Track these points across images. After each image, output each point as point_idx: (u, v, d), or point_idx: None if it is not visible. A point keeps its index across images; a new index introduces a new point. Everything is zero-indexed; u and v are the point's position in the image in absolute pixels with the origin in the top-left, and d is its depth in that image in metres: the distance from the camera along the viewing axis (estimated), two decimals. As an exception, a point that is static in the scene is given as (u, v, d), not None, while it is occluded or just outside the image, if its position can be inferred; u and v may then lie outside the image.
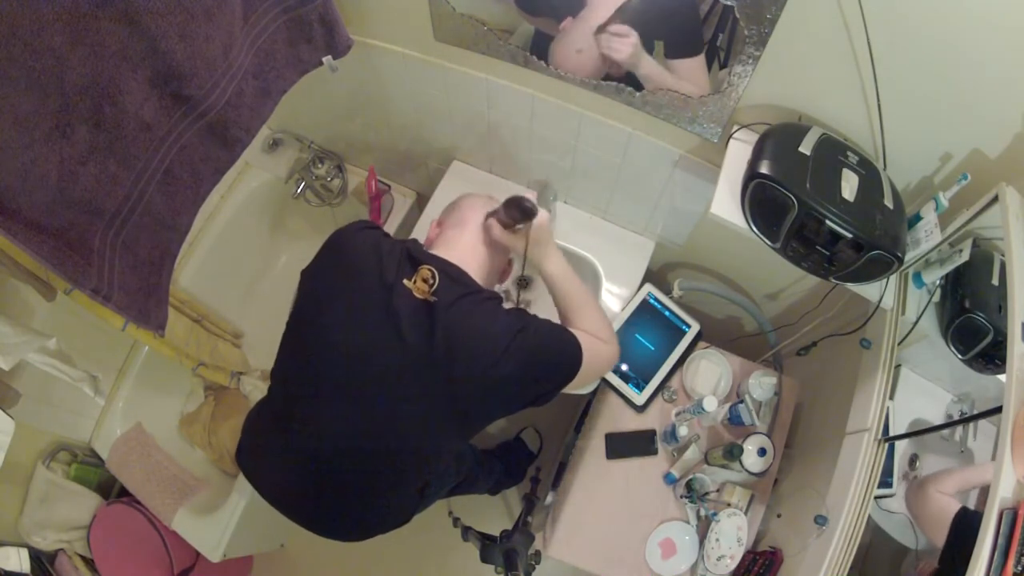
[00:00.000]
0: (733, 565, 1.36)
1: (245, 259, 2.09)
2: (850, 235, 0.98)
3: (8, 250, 1.13)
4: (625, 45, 1.10)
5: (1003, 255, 1.05)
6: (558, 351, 1.01)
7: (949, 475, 1.16)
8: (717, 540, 1.36)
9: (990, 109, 0.93)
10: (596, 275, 1.63)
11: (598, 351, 1.06)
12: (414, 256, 0.99)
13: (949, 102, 0.96)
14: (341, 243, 1.06)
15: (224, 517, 1.63)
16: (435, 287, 0.95)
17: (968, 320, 1.08)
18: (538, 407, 1.02)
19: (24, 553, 1.52)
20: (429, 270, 0.96)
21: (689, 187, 1.39)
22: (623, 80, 1.18)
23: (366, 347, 0.96)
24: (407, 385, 0.95)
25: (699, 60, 1.08)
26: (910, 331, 1.18)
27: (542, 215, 1.07)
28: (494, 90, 1.37)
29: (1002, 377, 0.98)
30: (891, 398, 1.19)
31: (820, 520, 1.18)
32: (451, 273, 0.98)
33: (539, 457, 2.16)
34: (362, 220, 1.10)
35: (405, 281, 0.95)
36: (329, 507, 1.10)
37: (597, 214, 1.68)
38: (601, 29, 1.10)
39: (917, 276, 1.16)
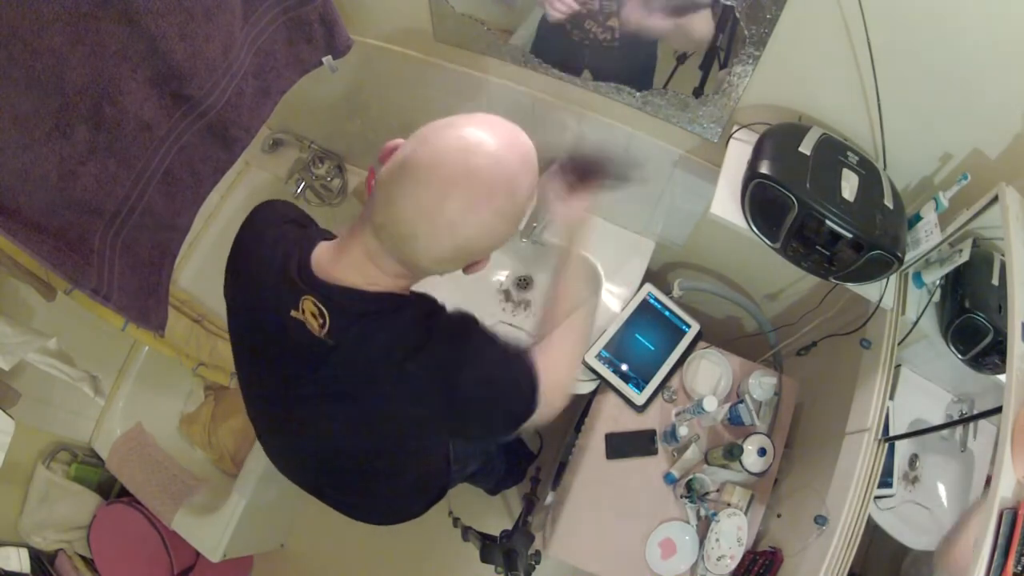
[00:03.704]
0: (733, 565, 1.36)
1: (245, 259, 2.09)
2: (850, 235, 0.98)
3: (8, 250, 1.13)
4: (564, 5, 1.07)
5: (1003, 255, 1.05)
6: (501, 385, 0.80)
7: None
8: (717, 540, 1.36)
9: (990, 109, 0.93)
10: (596, 275, 1.63)
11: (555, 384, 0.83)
12: (300, 281, 0.76)
13: (949, 102, 0.96)
14: (234, 251, 0.91)
15: (224, 517, 1.63)
16: (327, 326, 0.74)
17: (968, 320, 1.08)
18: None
19: (24, 553, 1.52)
20: (313, 304, 0.74)
21: (689, 187, 1.39)
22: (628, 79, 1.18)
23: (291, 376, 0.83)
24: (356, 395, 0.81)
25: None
26: (910, 331, 1.18)
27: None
28: (494, 90, 1.37)
29: (1002, 377, 0.98)
30: (891, 398, 1.19)
31: (820, 520, 1.18)
32: (337, 303, 0.74)
33: (539, 457, 2.16)
34: (263, 205, 0.92)
35: (293, 312, 0.75)
36: (346, 499, 1.09)
37: (597, 214, 1.68)
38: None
39: (917, 276, 1.16)
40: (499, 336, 0.81)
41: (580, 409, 1.75)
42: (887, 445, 1.15)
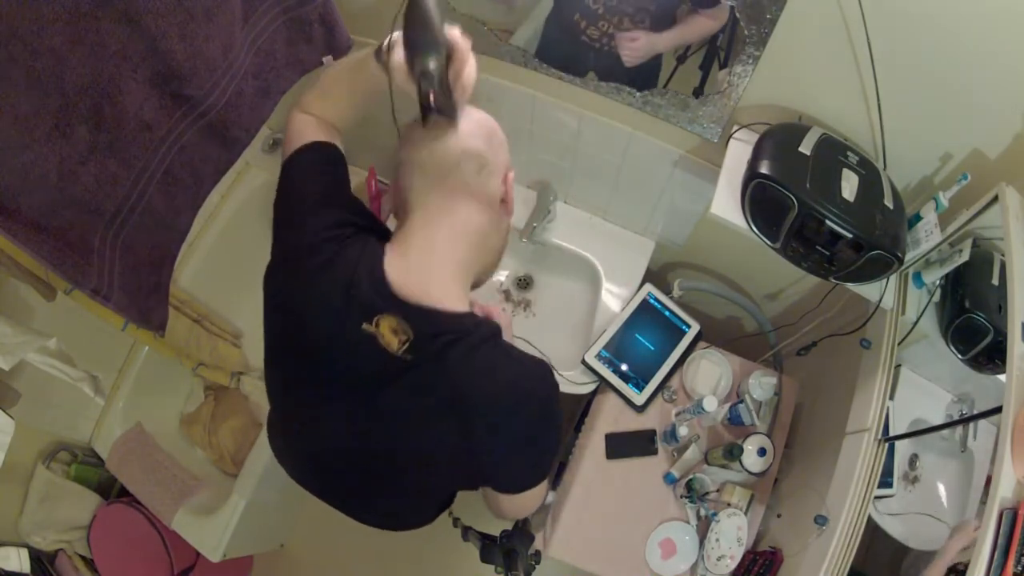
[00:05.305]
0: (733, 565, 1.36)
1: (245, 259, 2.07)
2: (850, 235, 0.98)
3: (8, 250, 1.13)
4: (636, 50, 1.11)
5: (1003, 255, 1.05)
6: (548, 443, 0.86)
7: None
8: (717, 540, 1.36)
9: (990, 109, 0.93)
10: (596, 275, 1.63)
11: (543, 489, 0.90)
12: (372, 299, 0.75)
13: (949, 102, 0.96)
14: (287, 246, 0.86)
15: (224, 517, 1.63)
16: (408, 343, 0.75)
17: (968, 320, 1.08)
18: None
19: (24, 553, 1.52)
20: (397, 323, 0.74)
21: (689, 187, 1.39)
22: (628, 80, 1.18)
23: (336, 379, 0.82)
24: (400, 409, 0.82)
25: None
26: (910, 331, 1.18)
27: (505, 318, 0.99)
28: (494, 90, 1.37)
29: (1002, 377, 0.98)
30: (891, 398, 1.19)
31: (820, 520, 1.18)
32: (421, 323, 0.75)
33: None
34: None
35: (365, 326, 0.75)
36: (361, 504, 1.09)
37: (597, 214, 1.68)
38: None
39: (917, 276, 1.16)
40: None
41: (580, 409, 1.75)
42: (887, 445, 1.15)
